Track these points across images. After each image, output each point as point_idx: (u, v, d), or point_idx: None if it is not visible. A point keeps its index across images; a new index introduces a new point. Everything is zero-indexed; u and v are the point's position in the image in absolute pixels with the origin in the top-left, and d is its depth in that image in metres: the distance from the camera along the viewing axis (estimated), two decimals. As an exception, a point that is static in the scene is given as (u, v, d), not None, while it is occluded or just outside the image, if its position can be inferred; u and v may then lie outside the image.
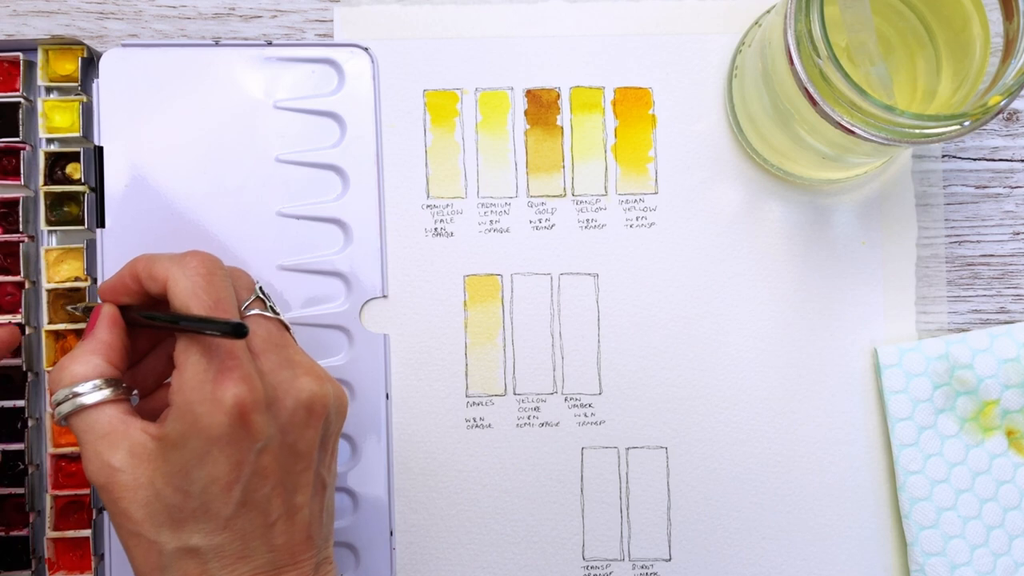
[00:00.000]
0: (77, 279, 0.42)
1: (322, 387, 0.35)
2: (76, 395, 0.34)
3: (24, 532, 0.42)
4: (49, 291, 0.42)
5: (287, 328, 0.37)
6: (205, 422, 0.32)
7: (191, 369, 0.33)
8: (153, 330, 0.38)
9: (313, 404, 0.35)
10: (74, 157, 0.43)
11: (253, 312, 0.36)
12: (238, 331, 0.32)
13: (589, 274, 0.45)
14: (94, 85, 0.43)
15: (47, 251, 0.42)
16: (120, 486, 0.33)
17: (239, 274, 0.37)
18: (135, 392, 0.38)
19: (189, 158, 0.43)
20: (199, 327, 0.33)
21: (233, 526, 0.33)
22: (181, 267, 0.34)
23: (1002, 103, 0.34)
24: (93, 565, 0.42)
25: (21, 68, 0.42)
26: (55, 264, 0.42)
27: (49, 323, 0.42)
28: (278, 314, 0.37)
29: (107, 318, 0.36)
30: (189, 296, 0.34)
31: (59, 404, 0.34)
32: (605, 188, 0.45)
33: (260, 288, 0.37)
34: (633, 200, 0.45)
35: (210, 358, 0.33)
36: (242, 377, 0.33)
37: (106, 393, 0.34)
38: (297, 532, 0.35)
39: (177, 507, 0.33)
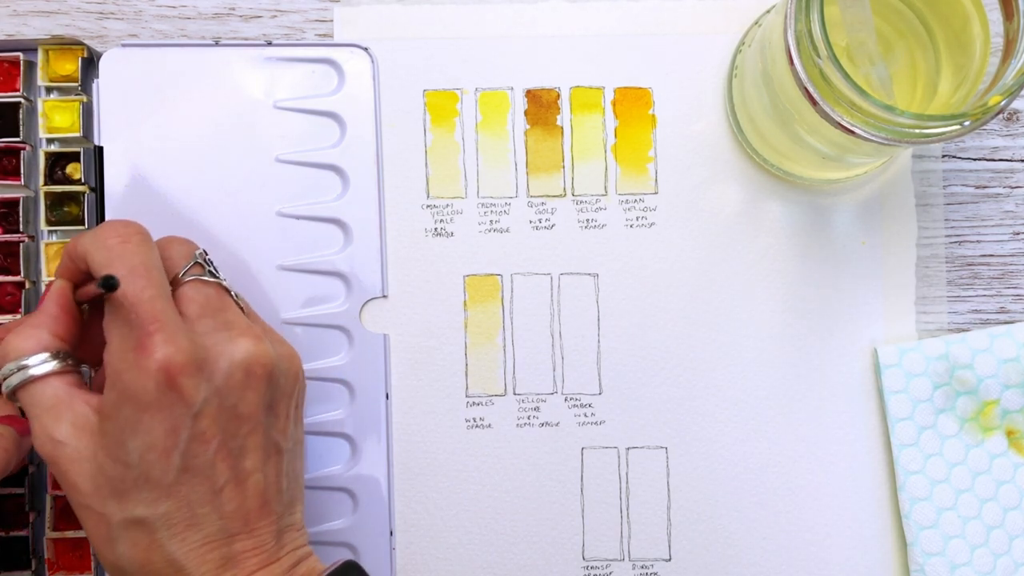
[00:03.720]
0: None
1: (259, 346, 0.35)
2: (23, 368, 0.34)
3: (24, 532, 0.42)
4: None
5: (228, 292, 0.37)
6: (133, 389, 0.32)
7: (115, 340, 0.33)
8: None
9: (250, 364, 0.34)
10: (74, 157, 0.43)
11: (190, 278, 0.35)
12: (106, 283, 0.32)
13: (589, 274, 0.45)
14: (94, 85, 0.43)
15: (47, 245, 0.42)
16: (66, 459, 0.33)
17: (176, 242, 0.37)
18: (86, 368, 0.37)
19: (189, 158, 0.43)
20: (92, 290, 0.33)
21: (177, 493, 0.33)
22: (94, 242, 0.34)
23: (1002, 103, 0.34)
24: (93, 565, 0.42)
25: (21, 68, 0.42)
26: (55, 258, 0.43)
27: (49, 323, 0.42)
28: (218, 278, 0.36)
29: (55, 293, 0.36)
30: (103, 269, 0.34)
31: (6, 378, 0.34)
32: (605, 188, 0.45)
33: (201, 253, 0.37)
34: (633, 200, 0.45)
35: (131, 326, 0.33)
36: (165, 340, 0.32)
37: (52, 365, 0.34)
38: (250, 498, 0.34)
39: (119, 479, 0.33)
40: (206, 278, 0.36)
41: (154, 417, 0.32)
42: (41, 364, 0.34)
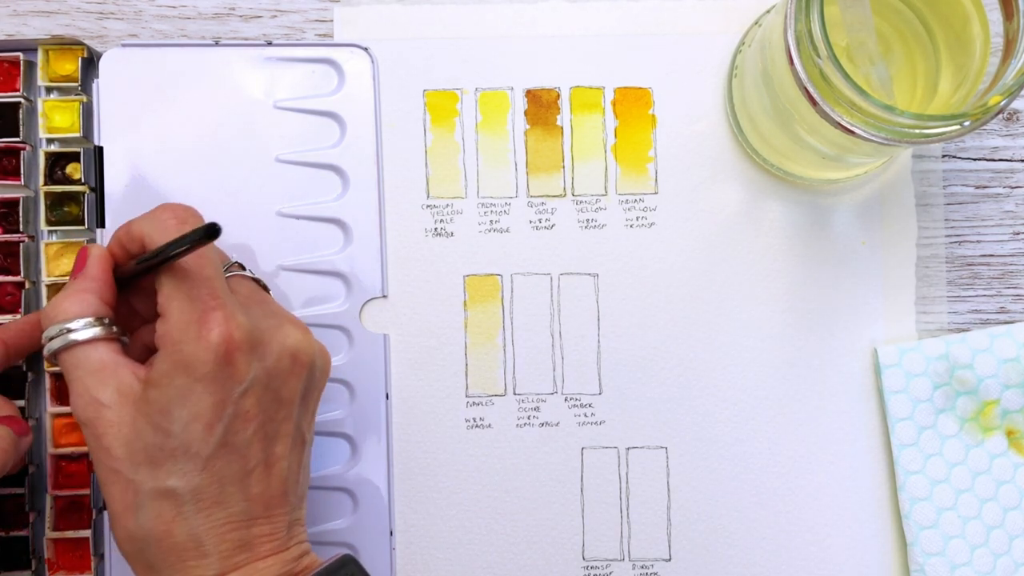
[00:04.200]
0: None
1: (306, 336, 0.36)
2: (68, 331, 0.34)
3: (24, 532, 0.42)
4: (49, 286, 0.42)
5: (267, 289, 0.39)
6: (191, 361, 0.33)
7: (175, 313, 0.34)
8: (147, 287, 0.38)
9: (298, 352, 0.36)
10: (74, 157, 0.43)
11: (233, 273, 0.37)
12: (211, 230, 0.32)
13: (589, 274, 0.45)
14: (94, 85, 0.43)
15: (47, 245, 0.42)
16: (105, 422, 0.33)
17: (214, 247, 0.38)
18: (125, 338, 0.38)
19: (189, 158, 0.43)
20: (171, 251, 0.33)
21: (212, 468, 0.33)
22: (152, 223, 0.35)
23: (1002, 103, 0.34)
24: (93, 565, 0.42)
25: (21, 68, 0.42)
26: (55, 258, 0.43)
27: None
28: (256, 277, 0.38)
29: (98, 258, 0.36)
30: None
31: (51, 340, 0.34)
32: (605, 188, 0.45)
33: (236, 259, 0.39)
34: (633, 200, 0.45)
35: (193, 301, 0.33)
36: (227, 316, 0.33)
37: (98, 331, 0.34)
38: (274, 484, 0.35)
39: (157, 446, 0.33)
40: (247, 274, 0.38)
41: (206, 389, 0.33)
42: (85, 328, 0.34)
